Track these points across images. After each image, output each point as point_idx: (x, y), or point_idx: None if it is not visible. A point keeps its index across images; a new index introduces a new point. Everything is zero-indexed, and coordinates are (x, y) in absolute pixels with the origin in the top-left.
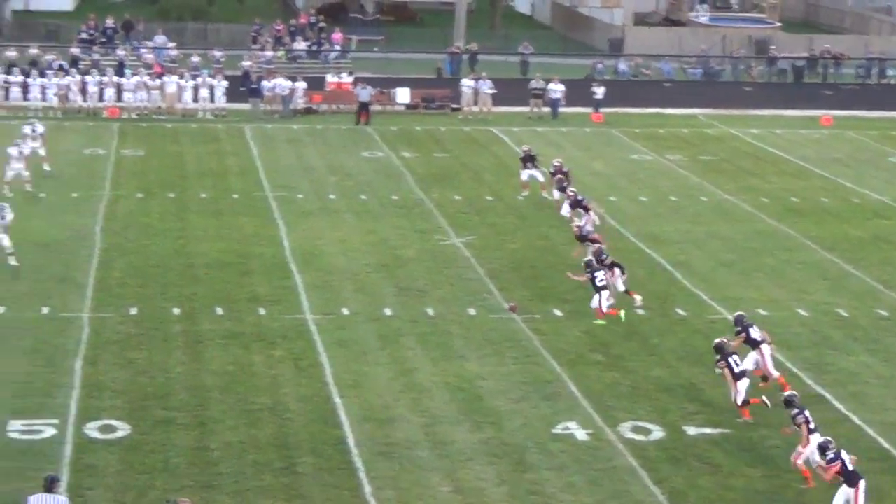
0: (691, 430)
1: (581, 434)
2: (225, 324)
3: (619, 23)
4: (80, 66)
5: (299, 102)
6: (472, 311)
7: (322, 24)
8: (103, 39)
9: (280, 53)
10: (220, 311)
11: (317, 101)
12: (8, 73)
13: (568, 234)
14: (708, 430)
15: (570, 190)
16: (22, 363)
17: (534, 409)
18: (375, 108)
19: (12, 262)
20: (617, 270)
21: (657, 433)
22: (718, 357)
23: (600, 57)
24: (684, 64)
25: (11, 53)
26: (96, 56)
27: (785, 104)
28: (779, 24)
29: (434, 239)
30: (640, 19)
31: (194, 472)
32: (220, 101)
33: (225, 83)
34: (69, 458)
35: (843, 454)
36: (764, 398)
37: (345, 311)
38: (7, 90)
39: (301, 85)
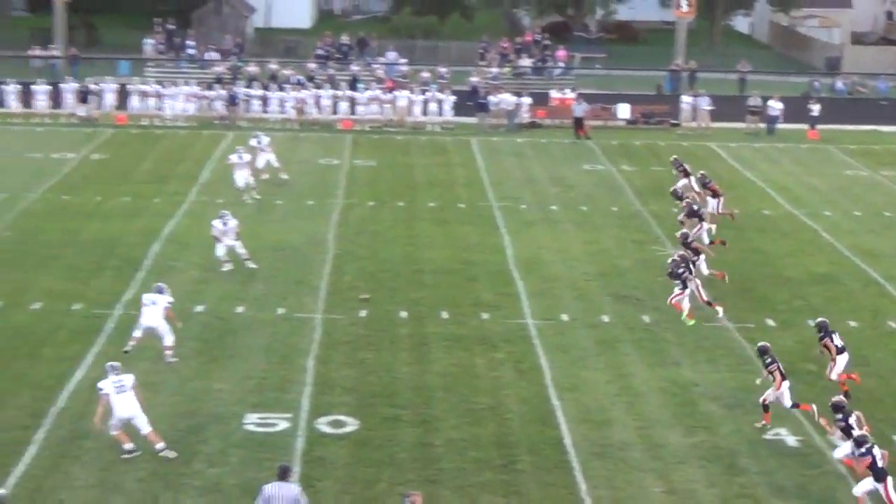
0: None
1: (791, 440)
2: (449, 327)
3: (836, 42)
4: (316, 81)
5: (524, 117)
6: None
7: (547, 42)
8: (338, 55)
9: (506, 70)
10: (444, 315)
11: (541, 116)
12: (249, 86)
13: (783, 247)
14: None
15: (687, 199)
16: (259, 360)
17: (745, 415)
18: (597, 123)
19: (250, 265)
20: (698, 281)
21: None
22: (769, 360)
23: (817, 75)
24: None
25: (252, 68)
26: (331, 71)
27: None
28: None
29: (651, 249)
30: (858, 39)
31: (418, 467)
32: (448, 114)
33: (452, 98)
34: (301, 450)
35: (876, 450)
36: (814, 406)
37: (564, 318)
38: (248, 103)
39: (526, 100)
